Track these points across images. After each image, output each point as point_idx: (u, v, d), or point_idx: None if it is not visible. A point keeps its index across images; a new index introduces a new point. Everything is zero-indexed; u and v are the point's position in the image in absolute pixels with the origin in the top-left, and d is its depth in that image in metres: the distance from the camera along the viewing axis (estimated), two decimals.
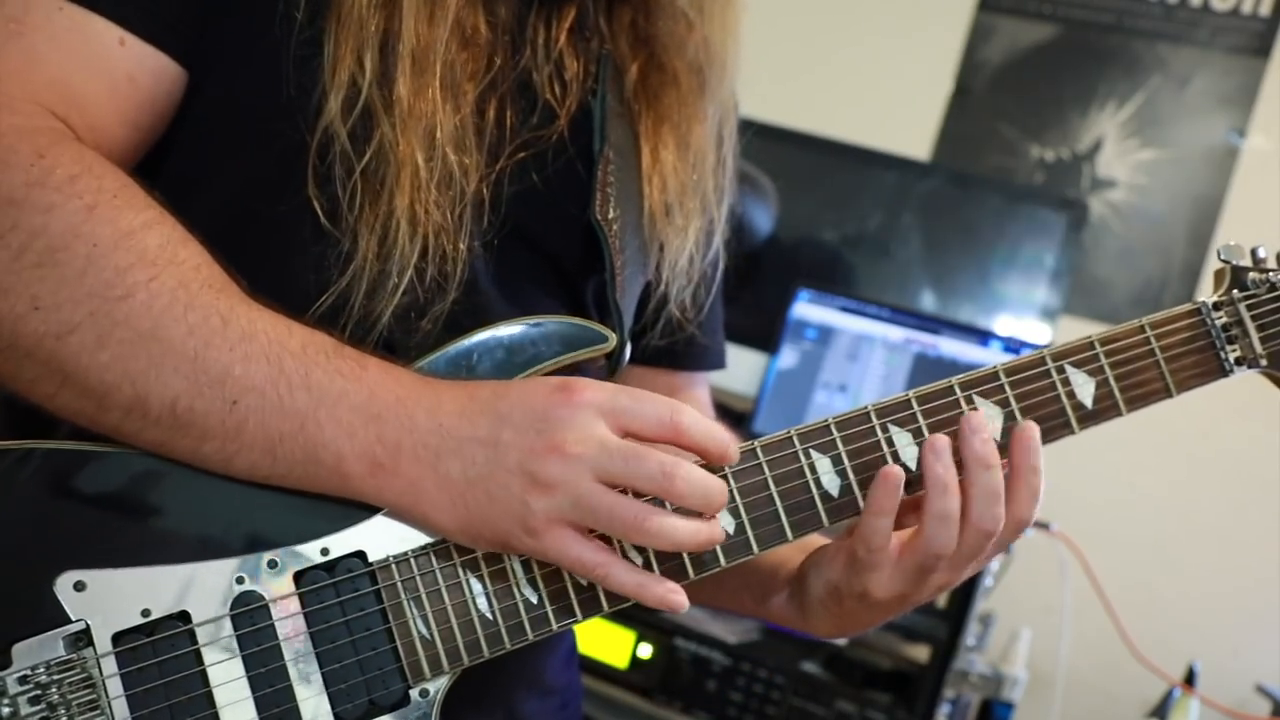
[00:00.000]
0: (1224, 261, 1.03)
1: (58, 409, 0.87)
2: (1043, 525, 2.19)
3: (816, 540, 1.03)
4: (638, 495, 0.88)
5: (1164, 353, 0.99)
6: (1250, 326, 1.01)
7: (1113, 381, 0.98)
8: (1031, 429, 0.94)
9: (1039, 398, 0.97)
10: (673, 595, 0.89)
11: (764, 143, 1.25)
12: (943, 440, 0.93)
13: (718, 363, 1.33)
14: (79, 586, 0.86)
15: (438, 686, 0.91)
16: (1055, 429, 0.97)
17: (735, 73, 1.21)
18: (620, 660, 2.21)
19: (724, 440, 0.91)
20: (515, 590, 0.92)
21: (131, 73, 0.94)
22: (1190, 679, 2.19)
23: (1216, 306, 1.01)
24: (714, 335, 1.31)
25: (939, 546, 0.93)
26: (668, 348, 1.24)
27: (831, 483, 0.95)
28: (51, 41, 0.91)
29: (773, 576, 1.09)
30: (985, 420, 0.94)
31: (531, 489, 0.86)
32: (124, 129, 0.95)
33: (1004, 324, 2.62)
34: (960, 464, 0.93)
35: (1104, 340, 0.99)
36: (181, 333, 0.85)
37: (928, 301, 2.68)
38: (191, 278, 0.87)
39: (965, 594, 2.14)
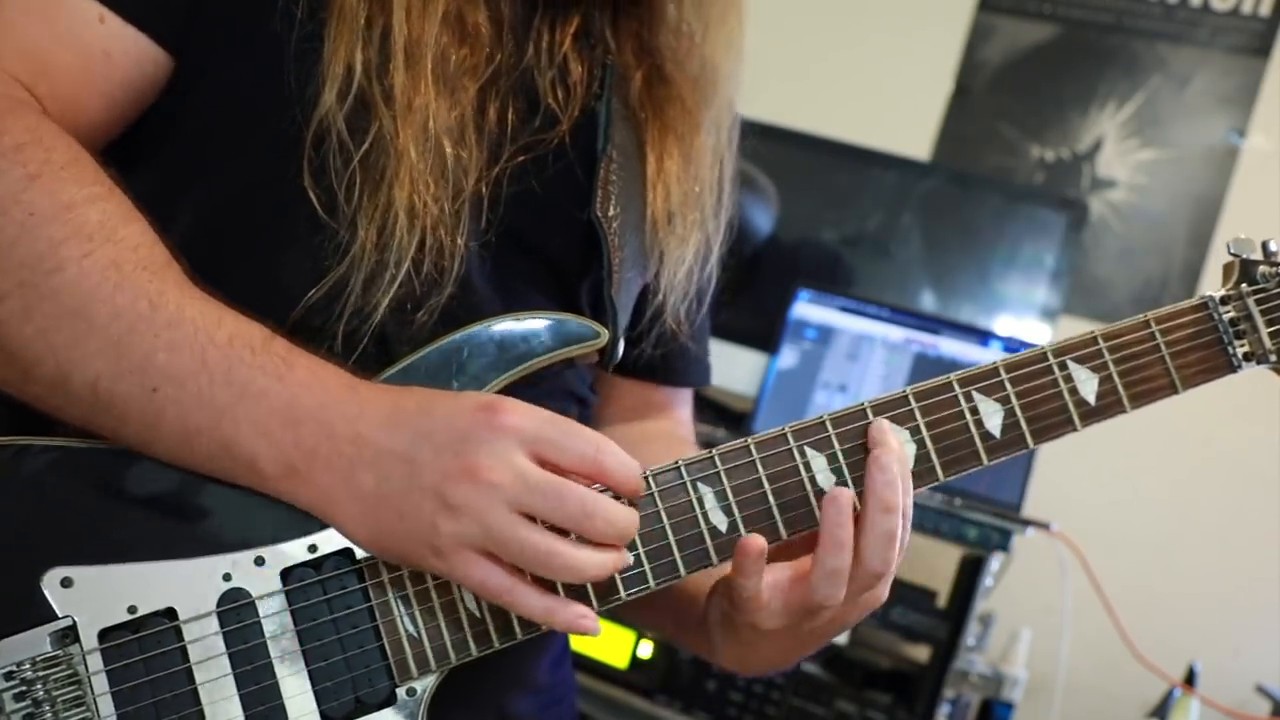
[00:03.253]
0: (1233, 255, 1.01)
1: None
2: (1043, 525, 2.19)
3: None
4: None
5: (1169, 348, 0.98)
6: (1259, 321, 0.99)
7: (1116, 377, 0.97)
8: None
9: (1041, 394, 0.96)
10: (582, 620, 0.87)
11: (764, 143, 1.24)
12: (847, 496, 0.90)
13: (704, 378, 1.32)
14: (66, 583, 0.86)
15: (425, 685, 0.90)
16: (1058, 426, 0.96)
17: (737, 87, 1.21)
18: (620, 660, 2.21)
19: (638, 481, 0.89)
20: None
21: (107, 49, 0.94)
22: (1190, 679, 2.18)
23: (1224, 301, 0.99)
24: (703, 350, 1.31)
25: (824, 597, 0.91)
26: (659, 360, 1.23)
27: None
28: (27, 13, 0.92)
29: (693, 604, 1.07)
30: (894, 461, 0.91)
31: (441, 511, 0.84)
32: (96, 102, 0.95)
33: (1004, 324, 2.61)
34: (861, 499, 0.91)
35: (1107, 335, 0.97)
36: (107, 313, 0.84)
37: (928, 301, 2.67)
38: (126, 257, 0.86)
39: (965, 594, 2.13)
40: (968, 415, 0.96)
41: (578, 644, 1.23)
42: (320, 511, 0.88)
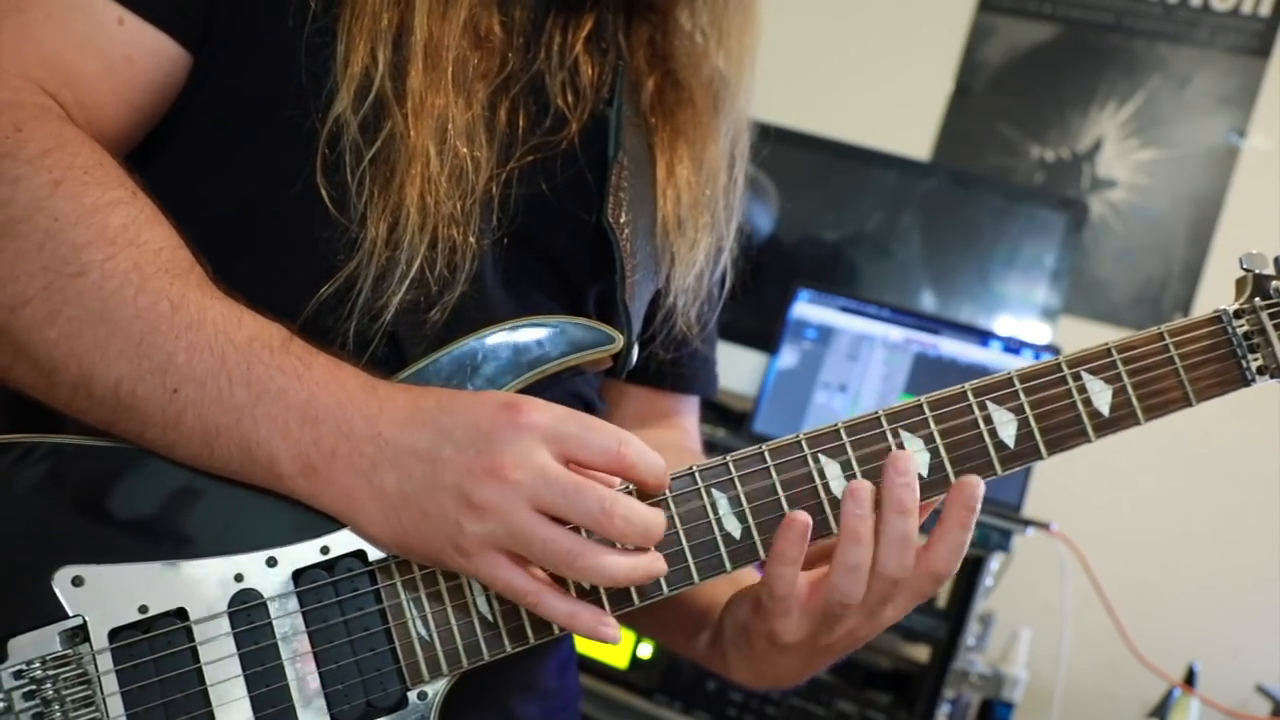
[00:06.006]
0: (1246, 270, 1.00)
1: (14, 381, 0.87)
2: (1043, 525, 2.19)
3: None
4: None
5: (1183, 360, 0.97)
6: (1273, 335, 0.98)
7: (1130, 389, 0.96)
8: (974, 485, 0.91)
9: (1054, 405, 0.96)
10: (603, 628, 0.87)
11: (764, 143, 1.25)
12: (865, 488, 0.90)
13: (711, 388, 1.32)
14: (77, 581, 0.85)
15: (436, 689, 0.90)
16: (1071, 437, 0.96)
17: (751, 94, 1.20)
18: (620, 660, 2.21)
19: (662, 475, 0.89)
20: None
21: (129, 53, 0.94)
22: (1190, 679, 2.18)
23: (1238, 314, 0.99)
24: (711, 358, 1.31)
25: (843, 595, 0.91)
26: (668, 366, 1.23)
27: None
28: (49, 19, 0.92)
29: (705, 616, 1.07)
30: (912, 463, 0.91)
31: (465, 510, 0.84)
32: (120, 108, 0.95)
33: (1004, 324, 2.61)
34: (877, 504, 0.91)
35: (1121, 347, 0.97)
36: (129, 316, 0.84)
37: (928, 301, 2.67)
38: (149, 260, 0.86)
39: (965, 594, 2.13)
40: (982, 425, 0.95)
41: (578, 644, 1.23)
42: (340, 512, 0.88)
